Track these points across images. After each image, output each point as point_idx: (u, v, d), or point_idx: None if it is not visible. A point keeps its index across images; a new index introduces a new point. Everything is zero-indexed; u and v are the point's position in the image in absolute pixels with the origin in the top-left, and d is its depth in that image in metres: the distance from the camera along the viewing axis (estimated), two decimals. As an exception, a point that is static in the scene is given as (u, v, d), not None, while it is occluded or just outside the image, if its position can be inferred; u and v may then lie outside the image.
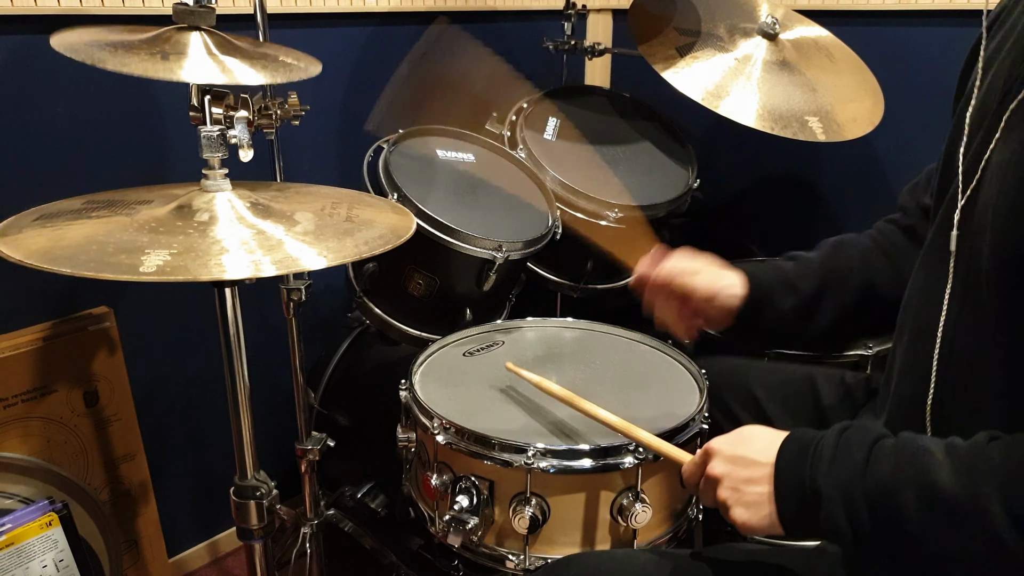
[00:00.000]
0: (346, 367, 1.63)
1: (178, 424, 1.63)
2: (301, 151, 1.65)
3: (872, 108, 1.50)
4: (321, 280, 1.40)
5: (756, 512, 0.76)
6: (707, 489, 0.82)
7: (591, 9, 2.03)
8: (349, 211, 0.98)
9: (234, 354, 0.97)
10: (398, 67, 1.73)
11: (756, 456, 0.78)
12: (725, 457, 0.80)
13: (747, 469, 0.78)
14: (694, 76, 1.44)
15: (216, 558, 1.78)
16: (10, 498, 1.29)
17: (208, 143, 0.90)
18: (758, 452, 0.78)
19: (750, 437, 0.81)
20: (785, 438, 0.78)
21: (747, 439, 0.81)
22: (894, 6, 1.65)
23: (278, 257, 0.81)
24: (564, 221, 1.46)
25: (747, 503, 0.77)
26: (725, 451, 0.81)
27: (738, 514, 0.77)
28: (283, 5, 1.52)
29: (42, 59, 1.29)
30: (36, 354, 1.31)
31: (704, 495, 0.83)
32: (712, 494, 0.81)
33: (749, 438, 0.81)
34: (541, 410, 1.07)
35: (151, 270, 0.74)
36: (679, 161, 1.71)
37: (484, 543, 1.00)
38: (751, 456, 0.78)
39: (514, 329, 1.33)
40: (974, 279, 0.75)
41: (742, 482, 0.78)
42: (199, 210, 0.88)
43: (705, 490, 0.83)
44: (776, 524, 0.76)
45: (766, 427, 0.82)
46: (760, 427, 0.82)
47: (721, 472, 0.80)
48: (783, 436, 0.79)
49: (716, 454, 0.81)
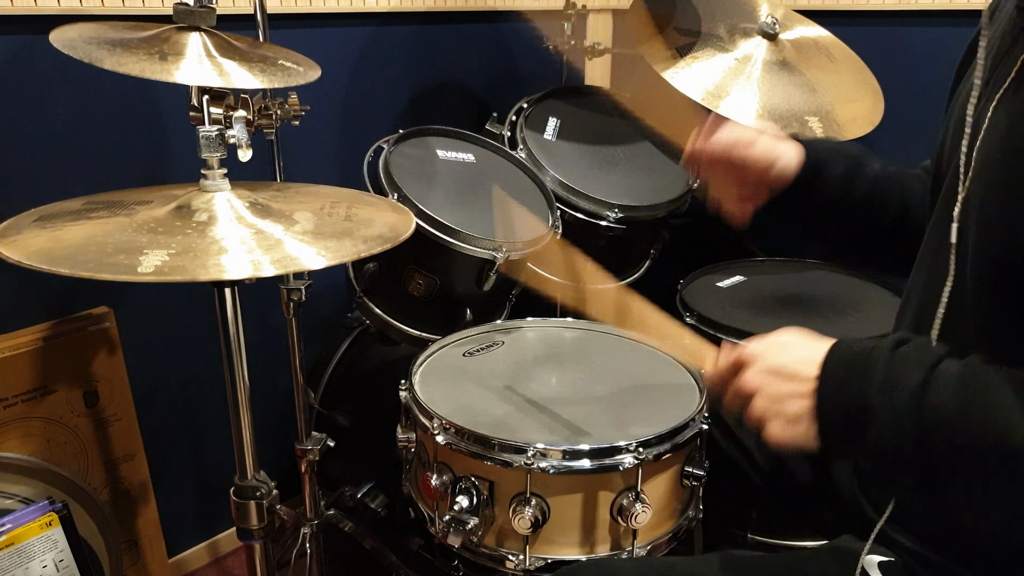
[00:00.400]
0: (346, 367, 1.63)
1: (178, 424, 1.63)
2: (301, 151, 1.64)
3: (872, 108, 1.50)
4: (321, 280, 1.40)
5: (794, 428, 0.72)
6: (737, 398, 0.77)
7: (591, 9, 2.03)
8: (348, 210, 0.98)
9: (234, 354, 0.97)
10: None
11: (797, 368, 0.73)
12: (763, 368, 0.75)
13: (788, 382, 0.73)
14: (694, 76, 1.44)
15: (216, 558, 1.78)
16: (10, 498, 1.29)
17: (207, 143, 0.90)
18: (799, 362, 0.73)
19: (789, 344, 0.76)
20: (830, 349, 0.73)
21: (786, 346, 0.76)
22: (894, 6, 1.65)
23: (277, 256, 0.81)
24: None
25: (785, 419, 0.73)
26: (762, 360, 0.75)
27: (775, 429, 0.73)
28: (283, 5, 1.52)
29: (42, 59, 1.28)
30: (36, 354, 1.31)
31: (731, 402, 0.78)
32: (742, 403, 0.77)
33: (788, 345, 0.76)
34: (541, 410, 1.07)
35: (149, 270, 0.74)
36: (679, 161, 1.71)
37: (484, 543, 1.00)
38: (792, 367, 0.73)
39: (514, 329, 1.33)
40: (978, 268, 0.73)
41: (782, 396, 0.73)
42: (198, 210, 0.88)
43: (733, 398, 0.78)
44: (814, 441, 0.72)
45: (805, 332, 0.77)
46: (798, 332, 0.77)
47: (758, 384, 0.75)
48: (826, 346, 0.73)
49: (752, 362, 0.76)
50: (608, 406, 0.99)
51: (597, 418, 1.06)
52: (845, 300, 1.55)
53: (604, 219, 1.52)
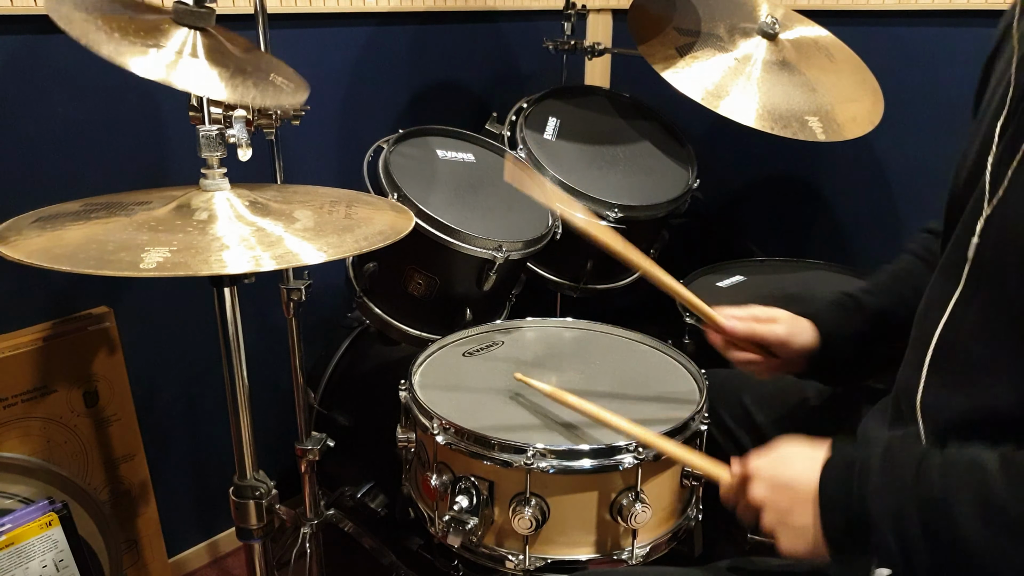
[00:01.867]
0: (346, 367, 1.63)
1: (178, 424, 1.63)
2: (301, 151, 1.65)
3: (872, 108, 1.50)
4: (321, 280, 1.40)
5: (802, 539, 0.75)
6: (748, 512, 0.80)
7: (591, 9, 2.03)
8: (348, 209, 0.98)
9: (234, 354, 0.97)
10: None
11: (797, 483, 0.76)
12: (766, 482, 0.78)
13: (789, 496, 0.76)
14: (694, 76, 1.44)
15: (216, 558, 1.78)
16: (10, 498, 1.29)
17: (207, 142, 0.90)
18: (799, 476, 0.76)
19: (789, 458, 0.79)
20: (827, 461, 0.75)
21: (786, 460, 0.79)
22: (894, 6, 1.65)
23: (278, 252, 0.81)
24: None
25: (793, 531, 0.75)
26: (765, 474, 0.79)
27: (785, 543, 0.76)
28: (283, 5, 1.52)
29: (42, 59, 1.28)
30: (36, 354, 1.31)
31: (745, 516, 0.81)
32: (754, 517, 0.80)
33: (789, 459, 0.79)
34: (541, 410, 1.07)
35: (151, 266, 0.74)
36: (679, 161, 1.71)
37: (484, 543, 1.00)
38: (793, 482, 0.76)
39: (514, 329, 1.33)
40: (992, 286, 0.73)
41: (785, 511, 0.76)
42: (198, 209, 0.88)
43: (746, 512, 0.81)
44: (823, 549, 0.74)
45: (803, 442, 0.80)
46: (797, 443, 0.80)
47: (763, 498, 0.78)
48: (823, 455, 0.76)
49: (756, 478, 0.79)
50: (608, 406, 0.98)
51: (597, 418, 1.06)
52: (845, 300, 1.55)
53: (604, 219, 1.51)
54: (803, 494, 0.75)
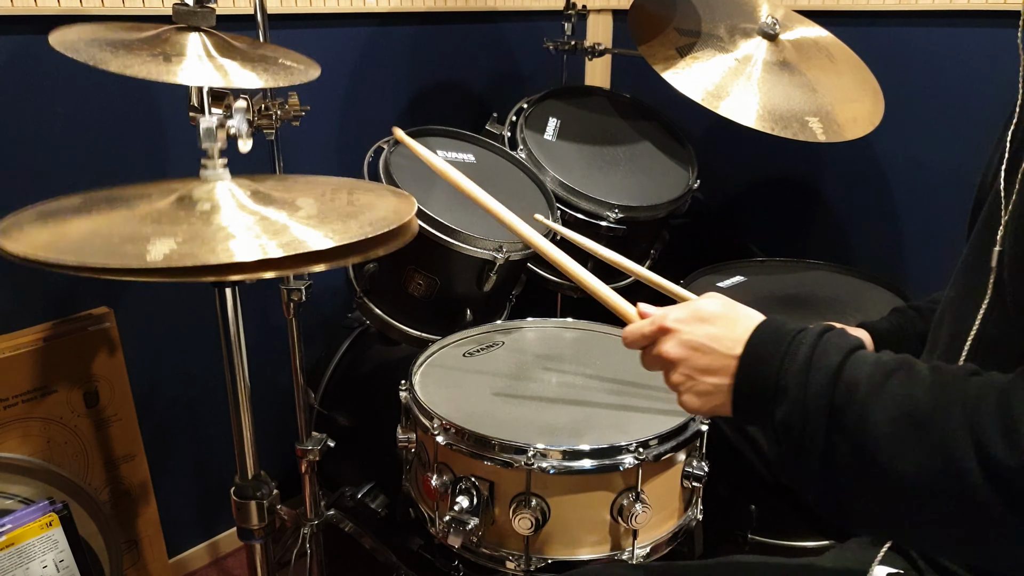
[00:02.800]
0: (346, 367, 1.63)
1: (178, 424, 1.63)
2: (301, 151, 1.65)
3: (872, 108, 1.50)
4: (321, 280, 1.40)
5: (708, 401, 0.74)
6: (654, 362, 0.79)
7: (591, 9, 2.03)
8: (349, 196, 0.97)
9: (234, 354, 0.97)
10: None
11: (716, 345, 0.73)
12: (682, 340, 0.75)
13: (704, 357, 0.73)
14: (694, 76, 1.44)
15: (216, 558, 1.78)
16: (10, 498, 1.29)
17: (207, 133, 0.89)
18: (718, 340, 0.73)
19: (711, 316, 0.75)
20: (757, 327, 0.72)
21: (707, 318, 0.75)
22: (894, 6, 1.65)
23: (285, 240, 0.80)
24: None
25: (700, 392, 0.74)
26: (683, 332, 0.75)
27: (688, 400, 0.75)
28: (283, 5, 1.52)
29: (42, 59, 1.28)
30: (36, 354, 1.31)
31: (649, 365, 0.80)
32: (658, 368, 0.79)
33: (710, 318, 0.75)
34: (541, 410, 1.07)
35: (159, 258, 0.74)
36: (679, 161, 1.71)
37: (484, 544, 1.00)
38: (710, 344, 0.73)
39: (514, 329, 1.33)
40: (1017, 292, 0.72)
41: (699, 370, 0.74)
42: (200, 200, 0.87)
43: (653, 361, 0.80)
44: (725, 412, 0.73)
45: (727, 301, 0.77)
46: (720, 301, 0.77)
47: (676, 356, 0.75)
48: (750, 323, 0.73)
49: (672, 334, 0.76)
50: (608, 406, 0.99)
51: (597, 418, 1.06)
52: (845, 300, 1.55)
53: (604, 219, 1.52)
54: (720, 358, 0.73)
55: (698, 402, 0.75)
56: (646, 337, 0.80)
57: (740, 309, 0.76)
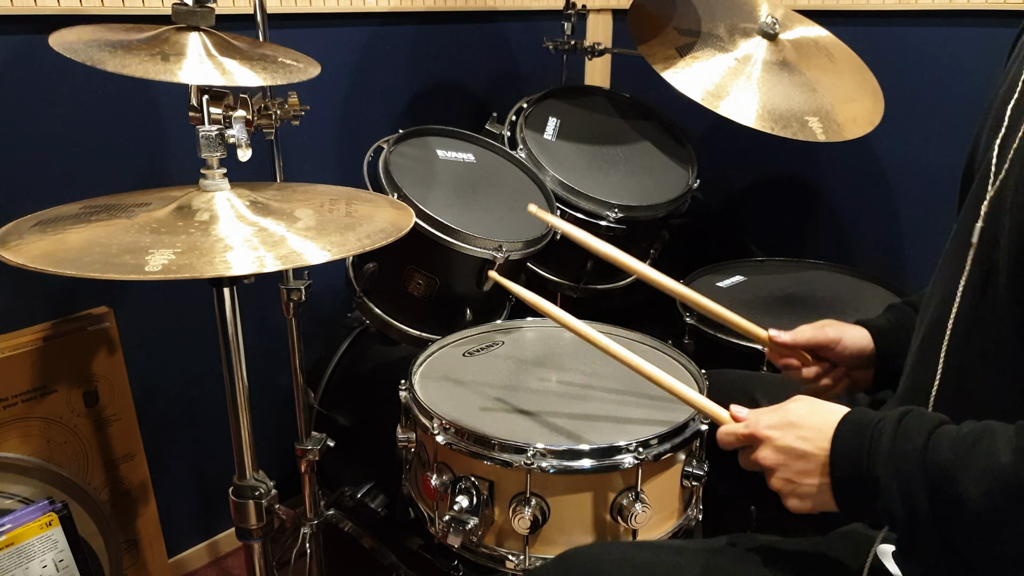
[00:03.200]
0: (346, 367, 1.63)
1: (178, 424, 1.63)
2: (301, 151, 1.65)
3: (872, 108, 1.50)
4: (321, 280, 1.40)
5: (812, 501, 0.76)
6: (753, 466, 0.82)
7: (591, 9, 2.03)
8: (348, 207, 0.98)
9: (233, 354, 0.97)
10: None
11: (809, 447, 0.76)
12: (776, 447, 0.78)
13: (799, 461, 0.76)
14: (694, 76, 1.43)
15: (216, 558, 1.78)
16: (10, 498, 1.29)
17: (206, 143, 0.90)
18: (811, 441, 0.76)
19: (799, 422, 0.78)
20: (839, 423, 0.75)
21: (796, 424, 0.78)
22: (894, 6, 1.65)
23: (282, 252, 0.81)
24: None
25: (802, 495, 0.76)
26: (775, 440, 0.79)
27: (794, 504, 0.77)
28: (283, 5, 1.52)
29: (42, 59, 1.28)
30: (36, 354, 1.31)
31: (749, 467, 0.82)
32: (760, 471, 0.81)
33: (798, 424, 0.78)
34: (541, 410, 1.07)
35: (157, 269, 0.74)
36: (679, 161, 1.71)
37: (484, 543, 1.00)
38: (803, 447, 0.76)
39: (514, 329, 1.33)
40: (993, 270, 0.74)
41: (796, 474, 0.76)
42: (199, 210, 0.88)
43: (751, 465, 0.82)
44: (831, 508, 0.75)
45: (814, 403, 0.80)
46: (808, 404, 0.80)
47: (773, 463, 0.78)
48: (836, 418, 0.76)
49: (766, 441, 0.80)
50: (608, 406, 0.99)
51: (597, 418, 1.06)
52: (845, 300, 1.55)
53: (604, 219, 1.52)
54: (814, 461, 0.75)
55: (804, 504, 0.77)
56: (740, 441, 0.84)
57: (826, 407, 0.79)
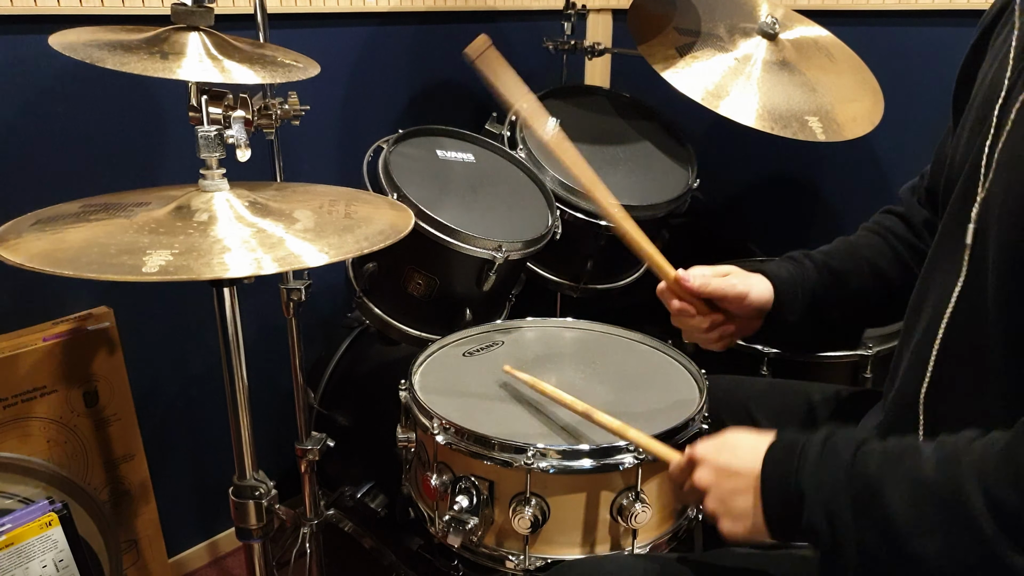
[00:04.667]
0: (346, 367, 1.63)
1: (178, 424, 1.63)
2: (301, 151, 1.65)
3: (872, 108, 1.50)
4: (321, 280, 1.40)
5: (743, 523, 0.76)
6: (693, 495, 0.82)
7: (591, 9, 2.03)
8: (347, 208, 0.98)
9: (233, 354, 0.97)
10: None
11: (741, 466, 0.77)
12: (711, 467, 0.80)
13: (732, 479, 0.77)
14: (694, 76, 1.44)
15: (216, 558, 1.78)
16: (10, 498, 1.29)
17: (205, 143, 0.90)
18: (743, 461, 0.77)
19: (734, 444, 0.80)
20: (770, 444, 0.77)
21: (732, 446, 0.80)
22: (894, 6, 1.65)
23: (280, 254, 0.81)
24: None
25: (734, 515, 0.77)
26: (710, 460, 0.80)
27: (726, 526, 0.77)
28: (283, 5, 1.52)
29: (42, 59, 1.28)
30: (36, 354, 1.31)
31: (690, 499, 0.83)
32: (695, 499, 0.82)
33: (733, 445, 0.80)
34: (541, 410, 1.07)
35: (154, 270, 0.74)
36: (679, 161, 1.71)
37: (484, 543, 1.00)
38: (736, 466, 0.78)
39: (514, 329, 1.33)
40: (984, 273, 0.74)
41: (728, 493, 0.77)
42: (198, 210, 0.88)
43: (691, 495, 0.83)
44: (764, 532, 0.75)
45: (750, 431, 0.81)
46: (744, 432, 0.81)
47: (707, 482, 0.79)
48: (768, 441, 0.77)
49: (702, 462, 0.81)
50: (608, 406, 0.99)
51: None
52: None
53: (604, 219, 1.51)
54: (745, 479, 0.76)
55: (736, 526, 0.77)
56: (684, 471, 0.84)
57: (765, 433, 0.79)
